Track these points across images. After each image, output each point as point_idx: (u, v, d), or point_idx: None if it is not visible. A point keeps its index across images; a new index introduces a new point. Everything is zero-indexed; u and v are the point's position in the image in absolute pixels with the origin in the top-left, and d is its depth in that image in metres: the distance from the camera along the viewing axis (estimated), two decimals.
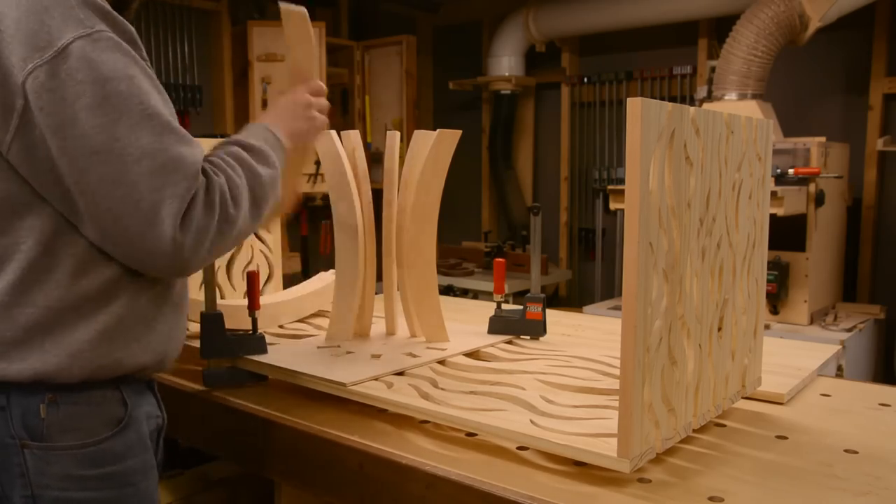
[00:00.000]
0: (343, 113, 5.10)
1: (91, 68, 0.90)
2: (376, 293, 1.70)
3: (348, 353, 1.52)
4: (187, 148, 0.95)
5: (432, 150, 1.51)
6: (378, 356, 1.49)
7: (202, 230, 0.95)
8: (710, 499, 0.98)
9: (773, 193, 2.84)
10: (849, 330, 3.10)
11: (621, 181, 4.56)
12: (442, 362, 1.48)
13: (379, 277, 1.68)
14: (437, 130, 1.51)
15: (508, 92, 4.89)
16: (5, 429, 0.95)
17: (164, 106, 0.96)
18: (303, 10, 1.29)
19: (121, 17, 0.96)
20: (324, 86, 1.29)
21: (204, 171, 0.97)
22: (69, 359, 0.96)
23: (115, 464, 1.01)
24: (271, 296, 1.93)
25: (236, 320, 1.61)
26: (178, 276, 1.04)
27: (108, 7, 0.95)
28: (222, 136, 1.71)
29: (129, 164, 0.90)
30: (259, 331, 1.52)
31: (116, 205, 0.91)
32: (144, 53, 0.99)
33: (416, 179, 1.55)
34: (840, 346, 2.14)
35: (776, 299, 3.14)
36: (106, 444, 1.00)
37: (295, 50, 1.28)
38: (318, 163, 1.95)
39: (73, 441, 0.98)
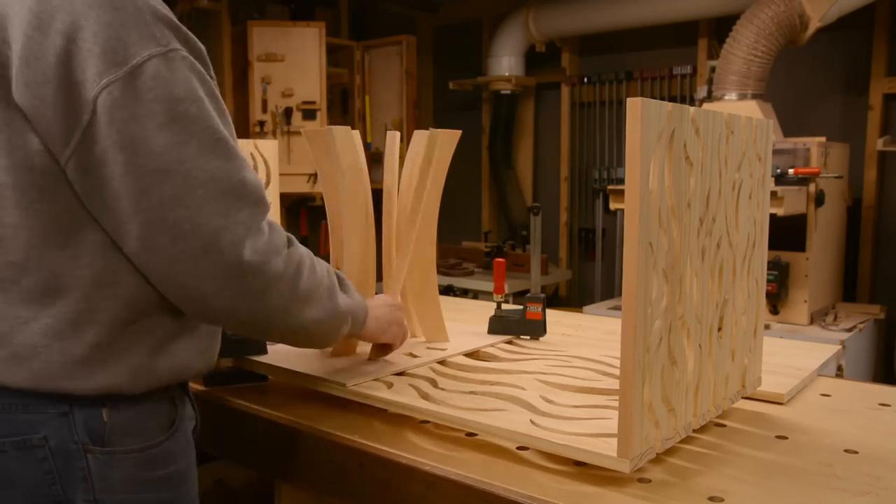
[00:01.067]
0: (343, 113, 5.10)
1: (164, 87, 0.89)
2: (376, 293, 1.70)
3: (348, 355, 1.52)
4: (250, 173, 0.96)
5: (432, 150, 1.51)
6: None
7: (267, 255, 0.96)
8: (711, 499, 0.98)
9: (774, 193, 2.84)
10: (849, 330, 3.10)
11: (621, 181, 4.57)
12: (442, 362, 1.48)
13: (379, 277, 1.68)
14: (438, 130, 1.51)
15: (508, 92, 4.89)
16: (68, 434, 0.94)
17: (227, 129, 0.96)
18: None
19: (192, 35, 0.96)
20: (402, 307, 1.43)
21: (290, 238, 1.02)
22: (132, 375, 0.97)
23: (171, 465, 1.03)
24: None
25: None
26: (226, 305, 0.97)
27: (184, 28, 0.94)
28: None
29: (194, 186, 0.90)
30: None
31: (178, 226, 0.90)
32: (212, 71, 1.00)
33: (416, 179, 1.55)
34: (840, 346, 2.14)
35: (776, 299, 3.14)
36: (164, 446, 1.02)
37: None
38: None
39: (135, 445, 0.98)
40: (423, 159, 1.50)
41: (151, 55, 0.89)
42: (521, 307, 1.69)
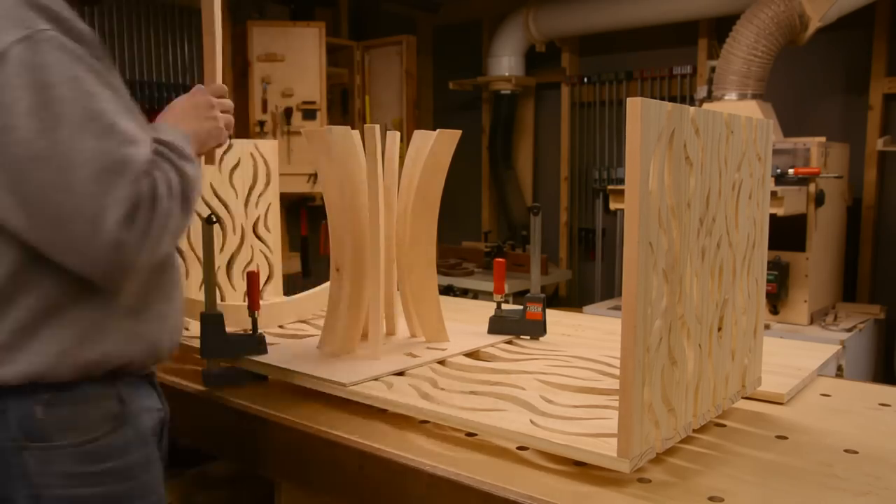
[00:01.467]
0: (343, 113, 5.10)
1: (30, 72, 0.88)
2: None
3: (348, 353, 1.52)
4: (132, 148, 0.92)
5: (432, 150, 1.51)
6: (378, 356, 1.49)
7: (144, 231, 0.93)
8: (710, 499, 0.98)
9: (774, 193, 2.84)
10: (849, 330, 3.10)
11: (621, 181, 4.56)
12: (442, 362, 1.48)
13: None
14: (437, 130, 1.51)
15: (508, 92, 4.89)
16: (4, 432, 0.96)
17: (113, 104, 0.93)
18: None
19: (72, 16, 0.94)
20: (225, 87, 1.29)
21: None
22: (56, 357, 0.97)
23: (115, 459, 1.02)
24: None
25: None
26: (119, 281, 0.98)
27: (57, 7, 0.92)
28: None
29: (70, 169, 0.88)
30: (259, 331, 1.52)
31: (59, 211, 0.89)
32: (100, 52, 0.97)
33: (416, 179, 1.55)
34: (840, 346, 2.14)
35: (776, 299, 3.14)
36: (104, 440, 1.01)
37: (204, 39, 1.25)
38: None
39: (72, 439, 0.99)
40: (425, 159, 1.50)
41: (14, 41, 0.88)
42: (521, 307, 1.69)
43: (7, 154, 0.88)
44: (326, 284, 1.95)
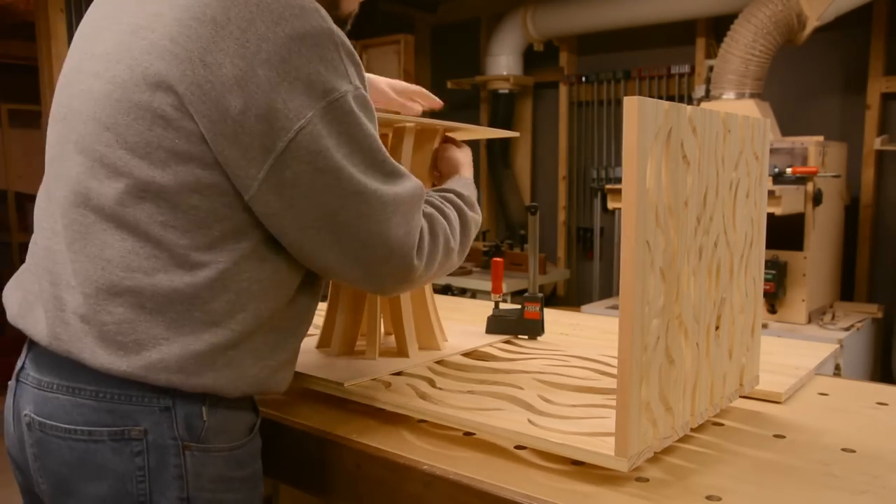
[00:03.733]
0: None
1: (351, 122, 0.96)
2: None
3: (346, 353, 1.52)
4: (411, 182, 1.05)
5: (418, 148, 1.48)
6: (375, 357, 1.48)
7: (431, 256, 1.09)
8: (708, 497, 0.98)
9: (771, 192, 2.84)
10: (847, 329, 3.10)
11: (619, 180, 4.57)
12: (440, 362, 1.48)
13: None
14: (421, 128, 1.47)
15: (506, 91, 4.89)
16: (169, 430, 0.96)
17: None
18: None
19: (360, 65, 1.02)
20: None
21: (430, 207, 1.13)
22: (238, 380, 1.00)
23: (250, 466, 1.07)
24: None
25: None
26: (401, 290, 1.13)
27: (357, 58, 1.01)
28: None
29: (382, 207, 0.99)
30: None
31: (369, 237, 1.00)
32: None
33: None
34: (838, 345, 2.14)
35: (774, 298, 3.15)
36: (246, 447, 1.05)
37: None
38: None
39: (225, 444, 1.01)
40: (412, 157, 1.49)
41: (346, 92, 0.95)
42: (519, 307, 1.69)
43: (338, 187, 0.97)
44: None
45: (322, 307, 1.92)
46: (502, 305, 1.71)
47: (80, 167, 0.97)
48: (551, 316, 1.95)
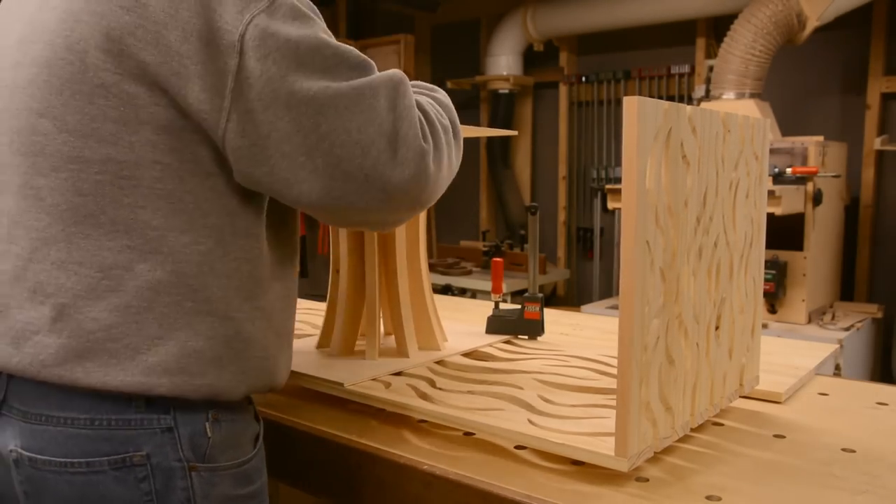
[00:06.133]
0: None
1: (298, 15, 0.87)
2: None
3: (346, 353, 1.52)
4: (384, 72, 0.93)
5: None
6: (376, 357, 1.49)
7: (435, 135, 0.95)
8: (708, 497, 0.98)
9: (771, 192, 2.84)
10: (847, 329, 3.10)
11: (619, 180, 4.57)
12: (440, 362, 1.48)
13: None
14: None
15: (506, 91, 4.89)
16: (173, 452, 0.89)
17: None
18: None
19: None
20: None
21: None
22: (243, 375, 0.94)
23: (258, 481, 1.00)
24: None
25: None
26: (426, 192, 0.95)
27: None
28: None
29: (359, 98, 0.87)
30: None
31: (362, 135, 0.87)
32: None
33: None
34: (838, 345, 2.14)
35: (774, 298, 3.15)
36: (253, 461, 0.99)
37: None
38: None
39: (231, 461, 0.95)
40: None
41: None
42: (519, 307, 1.69)
43: (303, 93, 0.86)
44: None
45: (322, 307, 1.92)
46: (502, 305, 1.71)
47: (21, 169, 0.88)
48: (551, 316, 1.95)
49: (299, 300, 2.10)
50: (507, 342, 1.65)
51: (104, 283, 0.86)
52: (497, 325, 1.69)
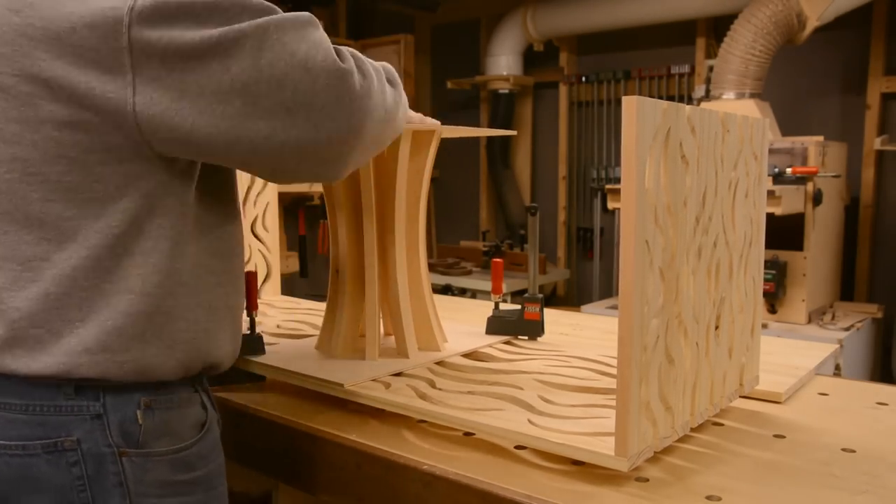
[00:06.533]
0: None
1: None
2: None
3: (346, 354, 1.52)
4: (290, 13, 0.92)
5: (406, 148, 1.47)
6: (375, 357, 1.48)
7: (361, 64, 0.93)
8: (708, 497, 0.98)
9: (771, 192, 2.84)
10: (847, 329, 3.10)
11: (619, 180, 4.57)
12: (440, 363, 1.48)
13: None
14: (411, 129, 1.46)
15: (506, 91, 4.89)
16: (103, 437, 0.92)
17: None
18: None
19: None
20: None
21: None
22: (168, 350, 0.96)
23: (202, 468, 1.02)
24: None
25: None
26: (358, 120, 0.92)
27: None
28: None
29: (264, 35, 0.86)
30: (257, 331, 1.52)
31: (274, 68, 0.86)
32: None
33: (397, 181, 1.51)
34: (838, 345, 2.14)
35: (774, 298, 3.15)
36: (194, 448, 1.00)
37: None
38: None
39: (168, 447, 0.97)
40: (404, 159, 1.47)
41: None
42: (519, 307, 1.69)
43: (206, 48, 0.86)
44: None
45: (322, 307, 1.92)
46: (502, 306, 1.71)
47: None
48: (551, 316, 1.95)
49: (299, 300, 2.10)
50: (507, 343, 1.65)
51: (25, 274, 0.90)
52: (497, 325, 1.69)
